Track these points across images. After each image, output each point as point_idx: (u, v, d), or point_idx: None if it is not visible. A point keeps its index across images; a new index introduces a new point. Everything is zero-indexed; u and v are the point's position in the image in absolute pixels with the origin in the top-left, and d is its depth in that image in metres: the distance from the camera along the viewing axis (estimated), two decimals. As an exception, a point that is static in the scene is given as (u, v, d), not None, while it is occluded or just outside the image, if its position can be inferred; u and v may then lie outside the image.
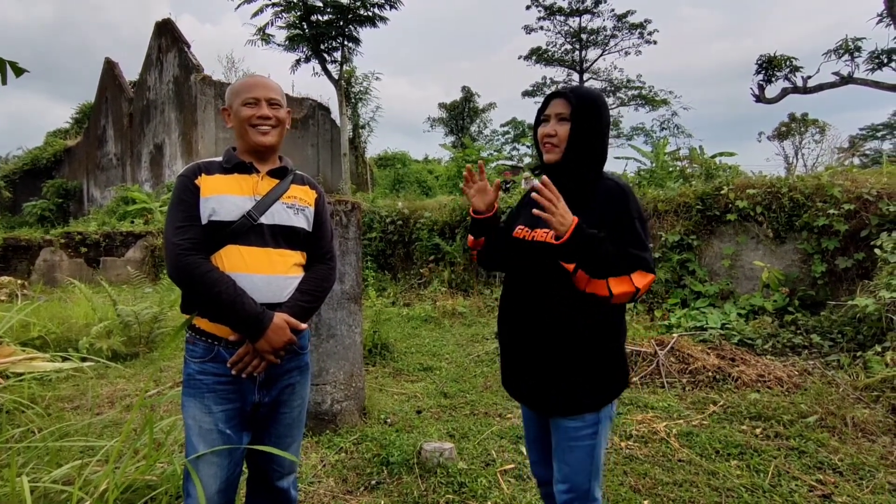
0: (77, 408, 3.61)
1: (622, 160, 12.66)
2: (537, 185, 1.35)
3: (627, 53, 29.10)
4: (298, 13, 15.28)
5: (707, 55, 76.69)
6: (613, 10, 27.66)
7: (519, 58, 30.62)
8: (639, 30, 28.06)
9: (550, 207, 1.35)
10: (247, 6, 15.13)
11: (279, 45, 16.20)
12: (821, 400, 3.43)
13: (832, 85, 13.64)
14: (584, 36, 28.88)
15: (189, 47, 16.32)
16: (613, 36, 28.62)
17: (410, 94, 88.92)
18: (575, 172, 1.54)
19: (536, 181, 1.40)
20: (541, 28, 29.10)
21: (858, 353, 4.11)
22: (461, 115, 36.83)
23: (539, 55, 29.96)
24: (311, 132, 17.84)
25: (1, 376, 3.32)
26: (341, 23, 15.57)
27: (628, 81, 29.66)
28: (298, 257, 1.63)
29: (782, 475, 2.60)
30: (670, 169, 10.10)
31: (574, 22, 28.63)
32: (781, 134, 28.50)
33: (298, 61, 16.59)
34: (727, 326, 5.10)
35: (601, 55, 29.52)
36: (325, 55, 16.29)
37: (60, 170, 21.91)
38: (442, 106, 37.55)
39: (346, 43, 16.23)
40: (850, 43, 13.02)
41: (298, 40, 15.85)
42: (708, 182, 6.76)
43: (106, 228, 11.70)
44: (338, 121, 17.28)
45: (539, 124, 1.61)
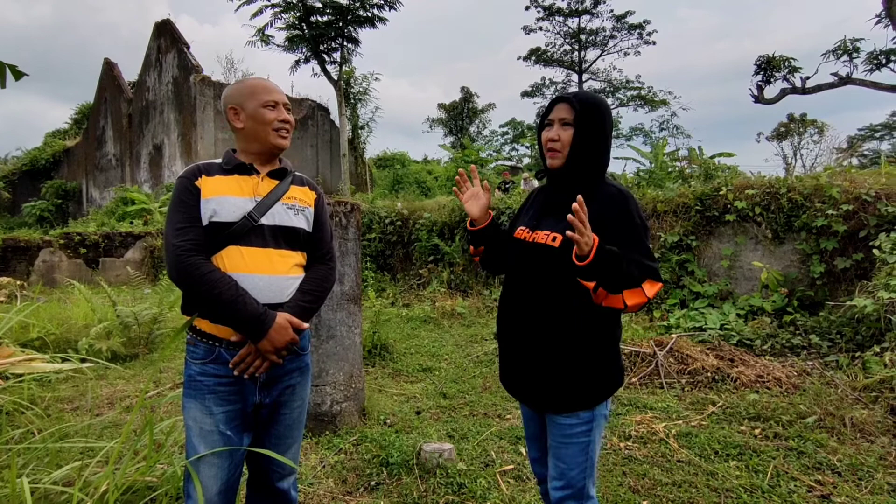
0: (77, 409, 3.61)
1: (621, 160, 12.66)
2: (574, 207, 1.32)
3: (626, 54, 29.23)
4: (298, 14, 15.30)
5: (706, 56, 76.81)
6: (612, 11, 27.78)
7: (518, 58, 30.75)
8: (638, 30, 28.13)
9: (580, 228, 1.33)
10: (246, 7, 15.15)
11: (278, 46, 16.21)
12: (819, 400, 3.43)
13: (831, 85, 13.66)
14: (584, 36, 28.94)
15: (188, 48, 16.32)
16: (612, 36, 28.70)
17: (409, 95, 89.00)
18: (578, 177, 1.54)
19: (535, 182, 1.40)
20: (540, 29, 29.19)
21: (857, 354, 4.12)
22: (460, 116, 36.88)
23: (538, 56, 30.01)
24: (311, 133, 17.85)
25: (1, 377, 3.32)
26: (340, 24, 15.59)
27: (627, 82, 29.74)
28: (299, 258, 1.64)
29: (781, 476, 2.61)
30: (669, 169, 10.11)
31: (573, 22, 28.71)
32: (780, 134, 28.54)
33: (298, 62, 16.61)
34: (726, 327, 5.11)
35: (600, 56, 29.63)
36: (325, 56, 16.30)
37: (59, 170, 21.90)
38: (441, 106, 37.62)
39: (346, 44, 16.25)
40: (849, 44, 13.05)
41: (298, 41, 15.86)
42: (707, 183, 6.77)
43: (105, 229, 11.70)
44: (337, 121, 17.29)
45: (543, 128, 1.61)
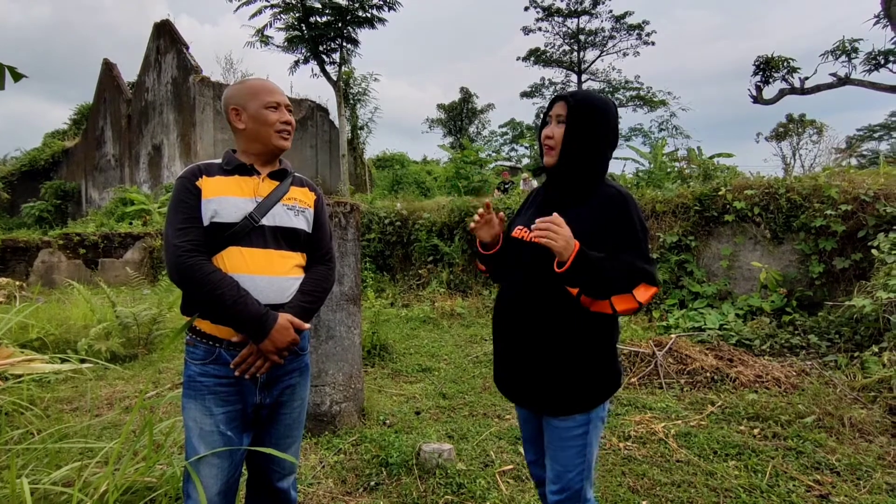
0: (76, 409, 3.60)
1: (620, 161, 12.67)
2: (547, 219, 1.36)
3: (625, 54, 29.24)
4: (297, 15, 15.30)
5: (705, 56, 76.88)
6: (611, 12, 27.80)
7: (517, 59, 30.79)
8: (637, 31, 28.15)
9: (549, 235, 1.35)
10: (246, 8, 15.15)
11: (278, 47, 16.22)
12: (818, 400, 3.44)
13: (829, 86, 13.67)
14: (583, 37, 28.96)
15: (188, 48, 16.31)
16: (611, 37, 28.73)
17: (409, 95, 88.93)
18: (573, 176, 1.52)
19: (535, 182, 1.40)
20: (539, 29, 29.21)
21: (856, 354, 4.13)
22: (460, 116, 36.94)
23: (537, 56, 30.04)
24: (310, 133, 17.85)
25: (0, 378, 3.32)
26: (340, 24, 15.59)
27: (626, 82, 29.76)
28: (299, 258, 1.64)
29: (780, 475, 2.61)
30: (668, 170, 10.12)
31: (572, 23, 28.73)
32: (779, 135, 28.57)
33: (297, 62, 16.61)
34: (725, 327, 5.12)
35: (599, 56, 29.65)
36: (324, 56, 16.31)
37: (59, 171, 21.88)
38: (440, 107, 37.72)
39: (345, 44, 16.25)
40: (847, 44, 13.06)
41: (297, 42, 15.87)
42: (706, 183, 6.78)
43: (104, 230, 11.68)
44: (336, 122, 17.28)
45: (544, 126, 1.61)
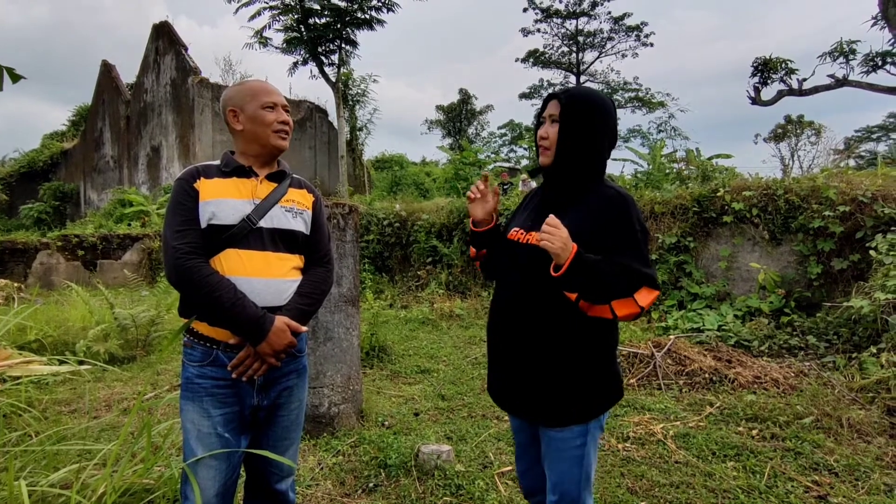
0: (74, 411, 3.60)
1: (619, 162, 12.70)
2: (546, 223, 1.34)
3: (624, 56, 29.25)
4: (296, 16, 15.29)
5: (703, 57, 77.04)
6: (610, 13, 27.80)
7: (516, 60, 30.80)
8: (635, 32, 28.17)
9: (546, 237, 1.32)
10: (245, 9, 15.15)
11: (277, 48, 16.20)
12: (816, 401, 3.45)
13: (827, 87, 13.70)
14: (581, 38, 28.99)
15: (186, 50, 16.31)
16: (610, 38, 28.74)
17: (408, 97, 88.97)
18: (570, 176, 1.48)
19: (534, 182, 1.39)
20: (538, 30, 29.22)
21: (854, 355, 4.13)
22: (458, 118, 36.96)
23: (536, 58, 30.06)
24: (309, 135, 17.84)
25: (-2, 380, 3.31)
26: (338, 26, 15.59)
27: (625, 84, 29.78)
28: (297, 260, 1.64)
29: (778, 476, 2.62)
30: (667, 171, 10.15)
31: (571, 24, 28.75)
32: (777, 136, 28.61)
33: (296, 64, 16.60)
34: (724, 328, 5.12)
35: (598, 57, 29.65)
36: (323, 58, 16.30)
37: (57, 172, 21.86)
38: (439, 108, 37.76)
39: (344, 46, 16.24)
40: (845, 45, 13.09)
41: (296, 43, 15.86)
42: (704, 184, 6.79)
43: (103, 231, 11.66)
44: (335, 123, 17.28)
45: (539, 125, 1.56)
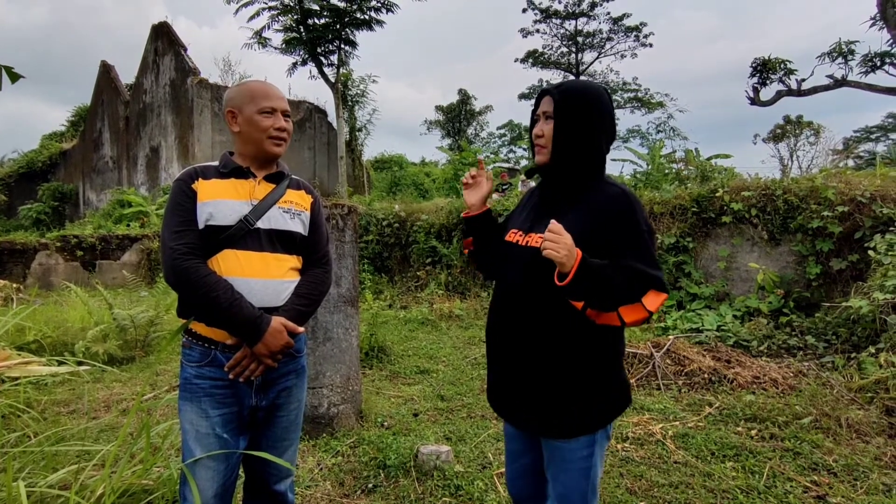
0: (73, 412, 3.59)
1: (618, 162, 12.73)
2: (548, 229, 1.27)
3: (623, 56, 29.22)
4: (295, 17, 15.28)
5: (702, 57, 77.23)
6: (609, 14, 27.79)
7: (515, 61, 30.75)
8: (634, 33, 28.17)
9: (550, 245, 1.25)
10: (245, 10, 15.14)
11: (276, 49, 16.19)
12: (815, 401, 3.45)
13: (826, 87, 13.72)
14: (580, 39, 28.98)
15: (185, 50, 16.30)
16: (609, 39, 28.72)
17: (407, 97, 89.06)
18: (569, 174, 1.42)
19: (533, 183, 1.37)
20: (537, 31, 29.20)
21: (852, 355, 4.14)
22: (458, 118, 36.93)
23: (535, 58, 30.04)
24: (308, 135, 17.83)
25: (-4, 381, 3.31)
26: (338, 26, 15.57)
27: (624, 84, 29.77)
28: (294, 261, 1.64)
29: (777, 476, 2.62)
30: (666, 171, 10.15)
31: (570, 25, 28.75)
32: (776, 136, 28.57)
33: (295, 64, 16.58)
34: (723, 328, 5.12)
35: (597, 58, 29.64)
36: (322, 58, 16.28)
37: (56, 173, 21.83)
38: (439, 108, 37.71)
39: (343, 46, 16.22)
40: (844, 46, 13.10)
41: (295, 44, 15.85)
42: (703, 184, 6.80)
43: (102, 232, 11.65)
44: (334, 124, 17.27)
45: (534, 124, 1.51)
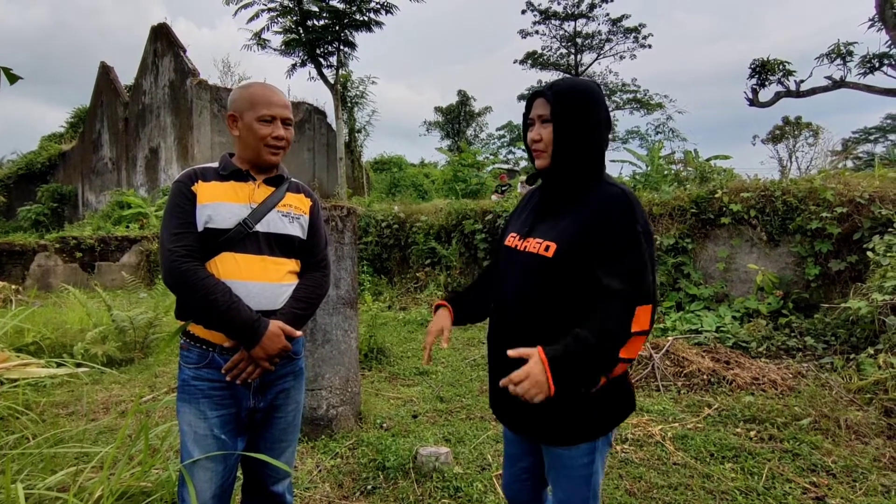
0: (72, 414, 3.59)
1: (618, 163, 12.75)
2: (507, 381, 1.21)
3: (622, 57, 29.30)
4: (294, 18, 15.30)
5: (701, 58, 77.34)
6: (608, 15, 27.86)
7: (514, 62, 30.80)
8: (633, 34, 28.23)
9: (525, 391, 1.17)
10: (244, 11, 15.16)
11: (275, 50, 16.20)
12: (814, 402, 3.45)
13: (825, 89, 13.75)
14: (580, 40, 29.04)
15: (185, 51, 16.31)
16: (608, 40, 28.79)
17: (406, 98, 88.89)
18: (570, 176, 1.38)
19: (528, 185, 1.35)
20: (536, 32, 29.27)
21: (851, 356, 4.14)
22: (457, 119, 36.95)
23: (534, 59, 30.09)
24: (307, 136, 17.84)
25: (-5, 383, 3.30)
26: (337, 27, 15.59)
27: (623, 85, 29.84)
28: (293, 265, 1.64)
29: (776, 478, 2.62)
30: (665, 172, 10.17)
31: (569, 26, 28.81)
32: (775, 137, 28.58)
33: (294, 66, 16.60)
34: (722, 329, 5.12)
35: (596, 59, 29.70)
36: (321, 60, 16.29)
37: (55, 174, 21.81)
38: (438, 110, 37.73)
39: (342, 47, 16.24)
40: (843, 47, 13.14)
41: (294, 45, 15.86)
42: (702, 185, 6.81)
43: (101, 233, 11.65)
44: (334, 125, 17.27)
45: (527, 128, 1.46)
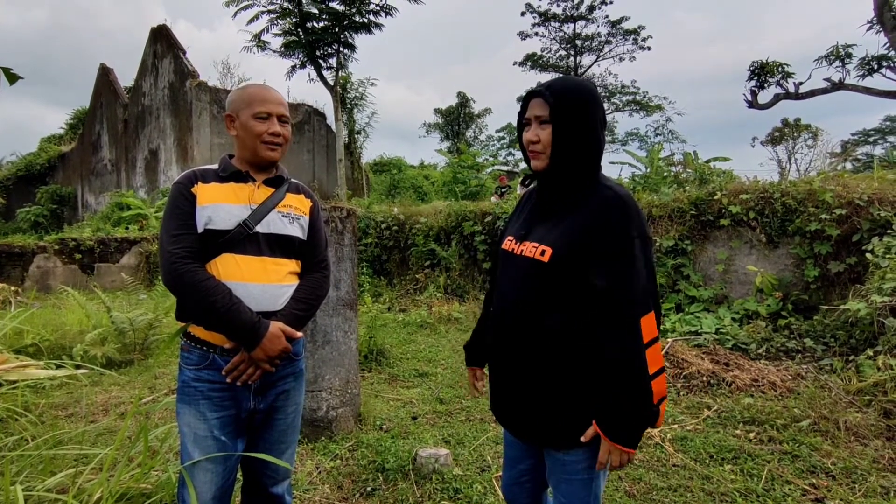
0: (71, 415, 3.59)
1: (617, 165, 12.79)
2: None
3: (622, 59, 29.31)
4: (294, 20, 15.33)
5: (701, 60, 77.51)
6: (608, 17, 27.88)
7: (514, 64, 30.83)
8: (633, 36, 28.26)
9: (614, 467, 1.28)
10: (244, 13, 15.19)
11: (275, 52, 16.22)
12: (814, 404, 3.45)
13: (824, 91, 13.76)
14: (579, 42, 29.07)
15: (185, 53, 16.31)
16: (608, 42, 28.81)
17: (406, 100, 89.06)
18: (567, 178, 1.36)
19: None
20: (536, 34, 29.29)
21: (851, 357, 4.14)
22: (457, 121, 36.96)
23: (534, 61, 30.11)
24: (307, 138, 17.85)
25: (-6, 384, 3.30)
26: (337, 29, 15.61)
27: (623, 87, 29.86)
28: (293, 266, 1.64)
29: (776, 479, 2.62)
30: (664, 174, 10.18)
31: (568, 28, 28.84)
32: (774, 139, 28.62)
33: (294, 67, 16.62)
34: (721, 331, 5.12)
35: (595, 61, 29.72)
36: (321, 61, 16.32)
37: (55, 175, 21.81)
38: (437, 111, 37.72)
39: (342, 49, 16.27)
40: (841, 49, 13.17)
41: (294, 47, 15.88)
42: (702, 187, 6.81)
43: (100, 234, 11.63)
44: (333, 126, 17.29)
45: (523, 128, 1.42)
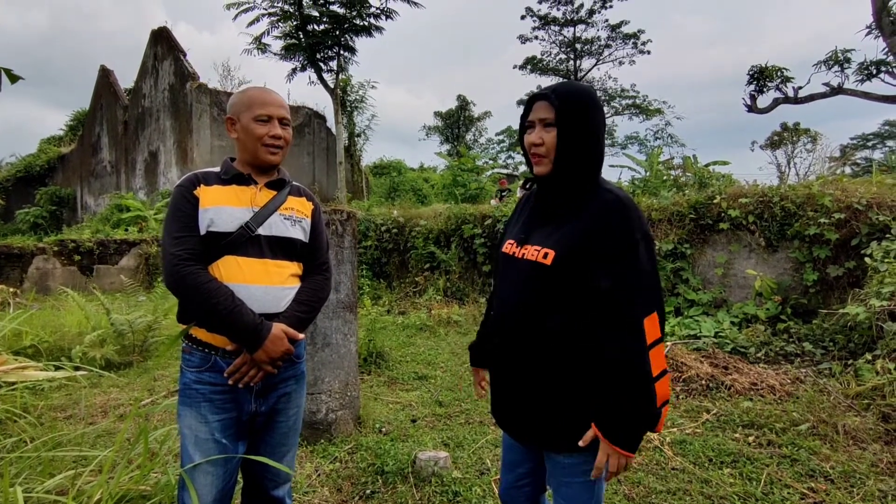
0: (70, 417, 3.58)
1: (617, 169, 12.81)
2: None
3: (621, 63, 29.41)
4: (294, 23, 15.38)
5: (700, 63, 77.78)
6: (608, 21, 27.98)
7: (514, 67, 30.89)
8: (633, 40, 28.35)
9: (611, 472, 1.29)
10: (244, 15, 15.22)
11: (275, 55, 16.27)
12: (813, 408, 3.45)
13: (823, 95, 13.79)
14: (579, 46, 29.16)
15: (185, 55, 16.33)
16: (607, 46, 28.91)
17: (406, 103, 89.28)
18: (569, 182, 1.35)
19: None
20: (535, 38, 29.37)
21: (850, 361, 4.15)
22: (456, 124, 37.02)
23: (534, 65, 30.18)
24: (307, 141, 17.87)
25: (-7, 386, 3.30)
26: (337, 32, 15.66)
27: (622, 91, 29.93)
28: (295, 268, 1.65)
29: (774, 483, 2.62)
30: (664, 178, 10.18)
31: (568, 32, 28.93)
32: (774, 143, 28.70)
33: (294, 70, 16.67)
34: (720, 335, 5.13)
35: (595, 65, 29.82)
36: (321, 64, 16.37)
37: (54, 177, 21.81)
38: (437, 114, 37.78)
39: (342, 52, 16.31)
40: (840, 54, 13.20)
41: (294, 49, 15.93)
42: (701, 191, 6.82)
43: (100, 236, 11.63)
44: (333, 129, 17.33)
45: (525, 131, 1.41)
